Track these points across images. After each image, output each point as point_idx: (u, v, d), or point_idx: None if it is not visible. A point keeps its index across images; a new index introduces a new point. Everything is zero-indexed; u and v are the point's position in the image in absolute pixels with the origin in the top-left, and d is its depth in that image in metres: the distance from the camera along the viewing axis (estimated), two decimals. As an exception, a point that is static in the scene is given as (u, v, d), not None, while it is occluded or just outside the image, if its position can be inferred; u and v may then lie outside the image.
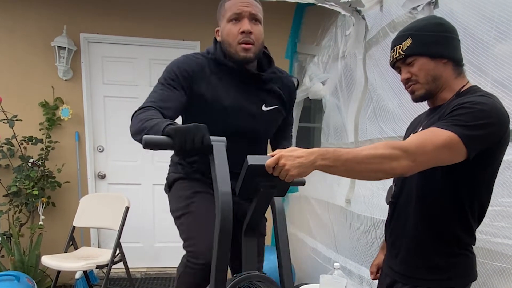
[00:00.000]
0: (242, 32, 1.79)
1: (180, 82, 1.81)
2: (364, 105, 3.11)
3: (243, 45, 1.80)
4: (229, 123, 1.85)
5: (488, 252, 1.88)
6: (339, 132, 3.55)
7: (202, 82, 1.84)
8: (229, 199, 1.30)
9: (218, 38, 1.91)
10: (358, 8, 3.05)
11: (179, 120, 1.73)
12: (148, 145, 1.36)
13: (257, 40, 1.84)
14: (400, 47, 1.51)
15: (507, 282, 1.80)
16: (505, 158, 1.74)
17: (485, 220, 1.55)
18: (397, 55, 1.53)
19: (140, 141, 1.43)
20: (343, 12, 3.24)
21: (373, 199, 2.71)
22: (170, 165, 2.11)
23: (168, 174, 2.08)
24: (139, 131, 1.52)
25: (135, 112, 1.66)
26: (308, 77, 4.02)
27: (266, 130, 2.02)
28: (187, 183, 1.96)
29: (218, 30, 1.92)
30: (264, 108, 1.95)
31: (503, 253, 1.83)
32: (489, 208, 1.71)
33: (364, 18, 3.07)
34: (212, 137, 1.38)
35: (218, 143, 1.38)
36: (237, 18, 1.80)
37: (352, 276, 3.03)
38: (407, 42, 1.49)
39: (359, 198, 3.01)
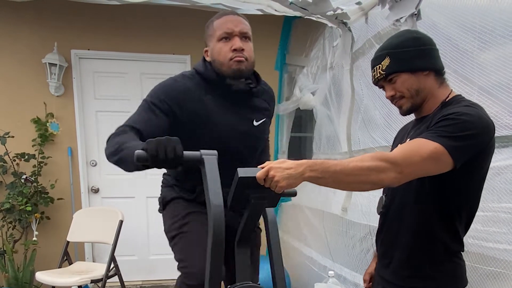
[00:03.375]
0: (234, 50, 1.78)
1: (163, 108, 1.77)
2: (354, 115, 3.16)
3: (236, 58, 1.78)
4: (224, 142, 1.82)
5: (480, 256, 1.91)
6: (332, 142, 3.58)
7: (192, 104, 1.81)
8: (221, 211, 1.34)
9: (208, 58, 1.88)
10: (344, 20, 3.11)
11: None
12: (123, 162, 1.44)
13: (250, 57, 1.83)
14: (379, 67, 1.53)
15: (499, 286, 1.83)
16: (495, 164, 1.78)
17: (477, 225, 1.58)
18: (378, 75, 1.55)
19: (115, 162, 1.51)
20: (329, 24, 3.31)
21: (370, 206, 2.73)
22: (162, 186, 2.10)
23: (160, 194, 2.08)
24: (114, 153, 1.56)
25: (111, 134, 1.69)
26: (298, 88, 4.06)
27: (258, 144, 2.03)
28: (181, 203, 1.96)
29: (207, 50, 1.89)
30: (255, 123, 1.95)
31: (494, 258, 1.85)
32: (481, 213, 1.74)
33: (350, 30, 3.13)
34: (203, 151, 1.40)
35: (209, 156, 1.40)
36: (227, 37, 1.79)
37: (347, 283, 3.05)
38: (386, 62, 1.51)
39: (355, 206, 3.03)
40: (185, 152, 1.38)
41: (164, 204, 2.02)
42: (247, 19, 1.87)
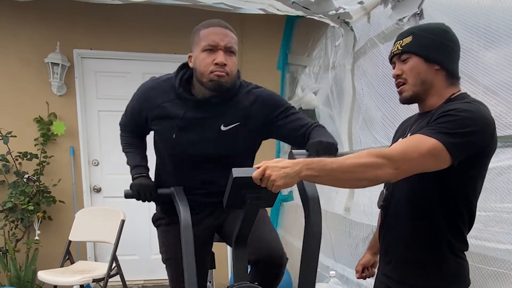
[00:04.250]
0: (216, 64, 1.76)
1: (139, 112, 1.97)
2: (355, 115, 3.15)
3: (216, 72, 1.77)
4: (192, 147, 1.89)
5: (482, 257, 1.90)
6: (334, 142, 3.57)
7: (158, 111, 1.90)
8: (189, 226, 1.77)
9: (191, 64, 1.87)
10: (346, 20, 3.11)
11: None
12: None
13: (231, 71, 1.81)
14: (400, 42, 1.52)
15: (502, 286, 1.83)
16: (497, 164, 1.78)
17: (479, 225, 1.57)
18: (395, 49, 1.53)
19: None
20: (332, 24, 3.30)
21: (372, 206, 2.72)
22: None
23: (154, 213, 2.18)
24: (123, 149, 2.13)
25: (122, 130, 2.15)
26: (300, 88, 4.06)
27: (235, 149, 1.95)
28: (167, 228, 2.09)
29: (191, 56, 1.87)
30: (222, 128, 1.90)
31: (497, 258, 1.85)
32: (483, 213, 1.73)
33: (352, 30, 3.12)
34: (173, 188, 1.93)
35: (178, 189, 1.91)
36: (211, 49, 1.77)
37: (350, 283, 3.05)
38: (408, 39, 1.50)
39: (358, 206, 3.02)
40: (159, 190, 1.95)
41: (155, 225, 2.18)
42: (234, 32, 1.84)
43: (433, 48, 1.47)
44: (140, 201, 1.94)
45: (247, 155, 2.04)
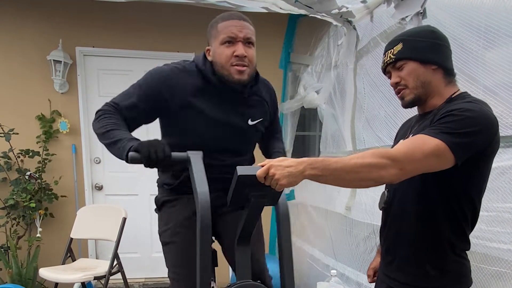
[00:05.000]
0: (236, 56, 1.76)
1: (151, 96, 1.82)
2: (358, 114, 3.15)
3: (237, 67, 1.78)
4: (216, 137, 1.87)
5: (485, 257, 1.90)
6: (337, 141, 3.58)
7: (185, 96, 1.83)
8: (207, 198, 1.49)
9: (209, 58, 1.86)
10: (349, 19, 3.11)
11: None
12: (111, 150, 1.66)
13: (251, 62, 1.82)
14: (391, 51, 1.53)
15: (504, 286, 1.83)
16: (499, 164, 1.78)
17: (481, 225, 1.57)
18: (388, 59, 1.54)
19: (104, 144, 1.71)
20: (334, 23, 3.30)
21: (374, 206, 2.73)
22: (157, 185, 2.13)
23: (156, 196, 2.11)
24: (102, 137, 1.71)
25: (99, 111, 1.79)
26: (302, 87, 4.06)
27: (251, 143, 2.07)
28: (173, 209, 1.99)
29: (209, 49, 1.87)
30: (250, 122, 1.95)
31: (499, 258, 1.85)
32: (485, 213, 1.73)
33: (355, 28, 3.12)
34: (189, 152, 1.59)
35: (195, 155, 1.59)
36: (230, 41, 1.77)
37: (351, 282, 3.05)
38: (398, 47, 1.51)
39: (359, 205, 3.02)
40: (173, 153, 1.57)
41: (159, 207, 2.07)
42: (251, 23, 1.85)
43: (426, 49, 1.48)
44: (148, 166, 1.56)
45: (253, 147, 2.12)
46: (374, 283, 1.89)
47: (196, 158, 1.58)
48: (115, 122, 1.73)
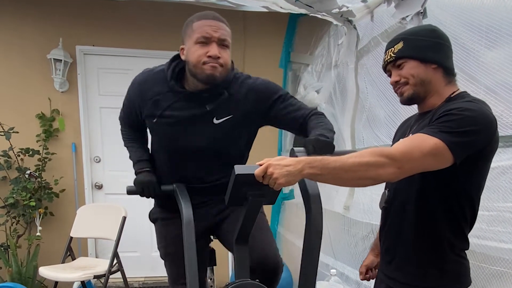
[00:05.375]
0: (209, 57, 1.72)
1: (133, 106, 1.96)
2: (358, 114, 3.15)
3: (210, 64, 1.73)
4: (188, 139, 1.88)
5: (484, 256, 1.90)
6: (337, 140, 3.57)
7: (151, 104, 1.88)
8: (191, 221, 1.77)
9: (183, 57, 1.83)
10: (350, 18, 3.10)
11: None
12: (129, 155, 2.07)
13: (225, 64, 1.78)
14: (391, 50, 1.53)
15: (504, 285, 1.83)
16: (499, 164, 1.78)
17: (482, 225, 1.57)
18: (388, 57, 1.54)
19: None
20: (335, 22, 3.30)
21: (372, 205, 2.73)
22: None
23: (150, 210, 2.19)
24: (125, 144, 2.12)
25: (121, 125, 2.14)
26: (302, 86, 4.06)
27: (226, 142, 1.94)
28: (166, 227, 2.09)
29: (183, 48, 1.83)
30: (215, 121, 1.88)
31: (500, 257, 1.85)
32: (486, 213, 1.73)
33: (355, 28, 3.12)
34: (175, 184, 1.92)
35: (180, 186, 1.91)
36: (204, 41, 1.73)
37: (350, 281, 3.05)
38: (399, 45, 1.51)
39: (358, 205, 3.02)
40: (162, 187, 1.94)
41: (152, 221, 2.17)
42: (228, 24, 1.81)
43: (426, 48, 1.48)
44: (144, 197, 1.95)
45: (242, 147, 2.03)
46: (369, 281, 1.90)
47: (180, 188, 1.89)
48: (127, 137, 2.12)
